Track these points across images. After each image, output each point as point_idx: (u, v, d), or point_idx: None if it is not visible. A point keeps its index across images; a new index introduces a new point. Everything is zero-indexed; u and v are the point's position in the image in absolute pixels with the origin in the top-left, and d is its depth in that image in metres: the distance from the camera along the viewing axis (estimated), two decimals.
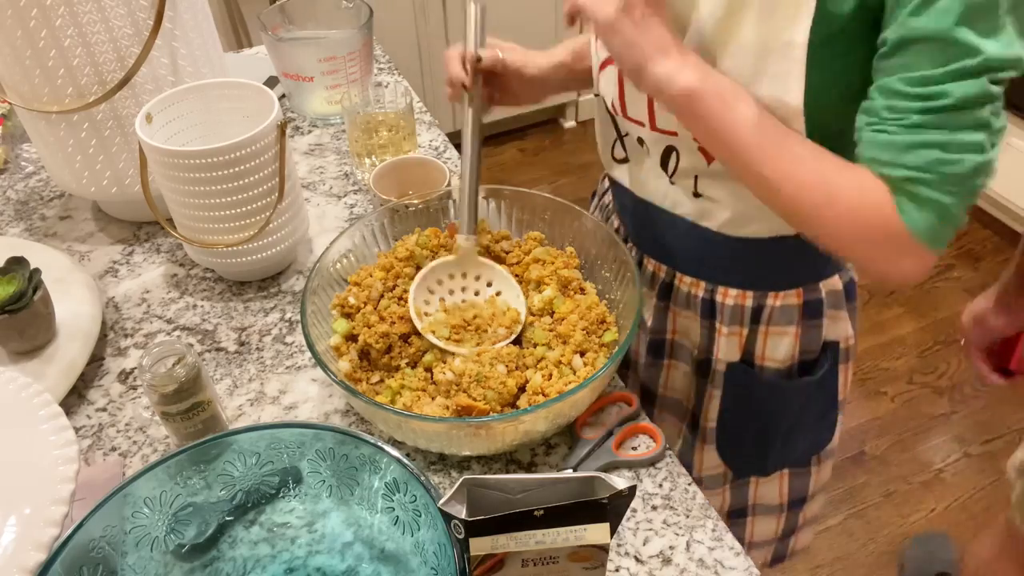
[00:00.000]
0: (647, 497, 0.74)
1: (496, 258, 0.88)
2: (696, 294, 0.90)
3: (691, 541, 0.70)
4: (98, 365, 0.88)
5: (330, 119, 1.25)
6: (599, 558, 0.58)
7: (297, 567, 0.65)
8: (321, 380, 0.86)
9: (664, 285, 0.93)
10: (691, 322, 0.93)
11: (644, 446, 0.78)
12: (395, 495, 0.63)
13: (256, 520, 0.67)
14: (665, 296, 0.93)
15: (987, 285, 0.99)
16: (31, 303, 0.81)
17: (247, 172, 0.86)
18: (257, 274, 0.98)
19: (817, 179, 0.66)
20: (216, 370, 0.87)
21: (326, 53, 1.16)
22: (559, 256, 0.87)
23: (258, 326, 0.92)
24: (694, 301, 0.91)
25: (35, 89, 0.91)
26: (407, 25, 2.41)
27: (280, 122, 0.87)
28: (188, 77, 0.96)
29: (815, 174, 0.66)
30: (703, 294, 0.90)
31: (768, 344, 0.90)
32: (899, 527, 1.73)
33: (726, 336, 0.90)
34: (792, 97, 0.68)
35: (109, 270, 1.01)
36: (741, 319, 0.89)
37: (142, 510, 0.61)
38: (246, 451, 0.65)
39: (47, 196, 1.14)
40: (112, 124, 0.94)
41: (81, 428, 0.82)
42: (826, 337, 0.91)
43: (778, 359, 0.91)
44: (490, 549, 0.56)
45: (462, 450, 0.75)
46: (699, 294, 0.90)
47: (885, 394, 2.00)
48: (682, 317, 0.94)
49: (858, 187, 0.65)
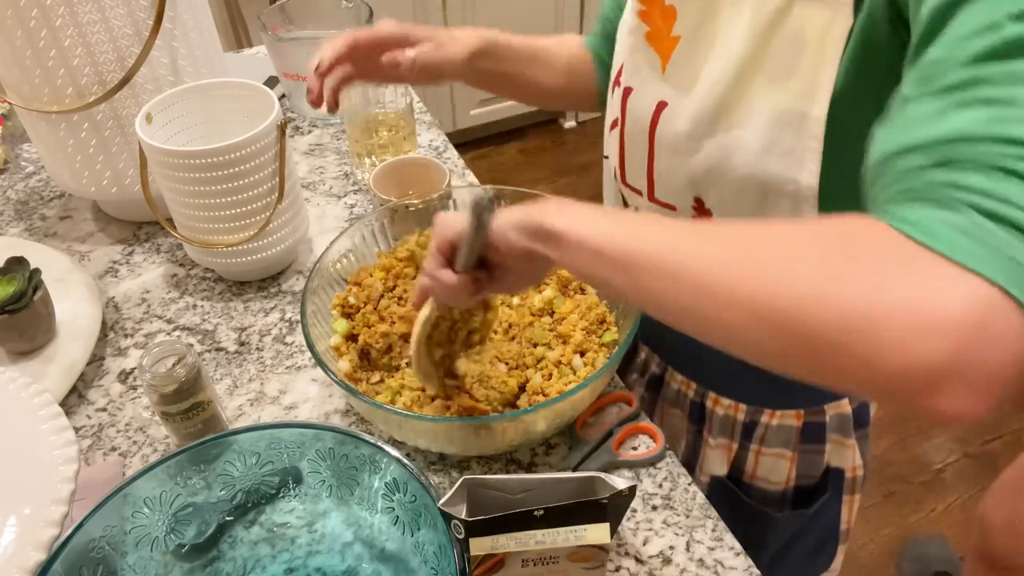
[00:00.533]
0: (647, 497, 0.73)
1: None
2: (687, 394, 0.84)
3: (691, 541, 0.70)
4: (98, 365, 0.88)
5: (330, 119, 1.25)
6: (599, 558, 0.58)
7: (297, 567, 0.65)
8: (321, 380, 0.86)
9: (655, 377, 0.86)
10: (679, 422, 0.86)
11: (644, 446, 0.78)
12: (395, 495, 0.63)
13: (256, 520, 0.67)
14: (655, 389, 0.87)
15: None
16: (31, 303, 0.81)
17: (247, 172, 0.86)
18: (257, 274, 0.98)
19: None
20: (216, 370, 0.87)
21: None
22: None
23: (258, 326, 0.92)
24: (683, 402, 0.84)
25: (35, 89, 0.91)
26: None
27: (280, 122, 0.87)
28: (188, 77, 0.96)
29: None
30: (693, 396, 0.83)
31: (760, 464, 0.82)
32: (899, 527, 1.73)
33: (713, 448, 0.82)
34: (806, 178, 0.60)
35: (109, 270, 1.01)
36: (731, 432, 0.82)
37: (142, 510, 0.61)
38: (246, 451, 0.65)
39: (47, 196, 1.14)
40: (112, 124, 0.94)
41: (81, 428, 0.82)
42: (829, 463, 0.81)
43: (771, 480, 0.82)
44: (490, 549, 0.56)
45: (463, 450, 0.75)
46: (689, 395, 0.84)
47: None
48: (670, 416, 0.87)
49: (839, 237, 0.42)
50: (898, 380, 0.37)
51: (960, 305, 0.35)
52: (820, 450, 0.81)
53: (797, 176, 0.60)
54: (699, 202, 0.70)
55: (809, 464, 0.82)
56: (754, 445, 0.82)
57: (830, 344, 0.38)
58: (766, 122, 0.60)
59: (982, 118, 0.39)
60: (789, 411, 0.79)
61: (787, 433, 0.80)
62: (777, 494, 0.83)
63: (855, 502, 0.85)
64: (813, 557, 0.88)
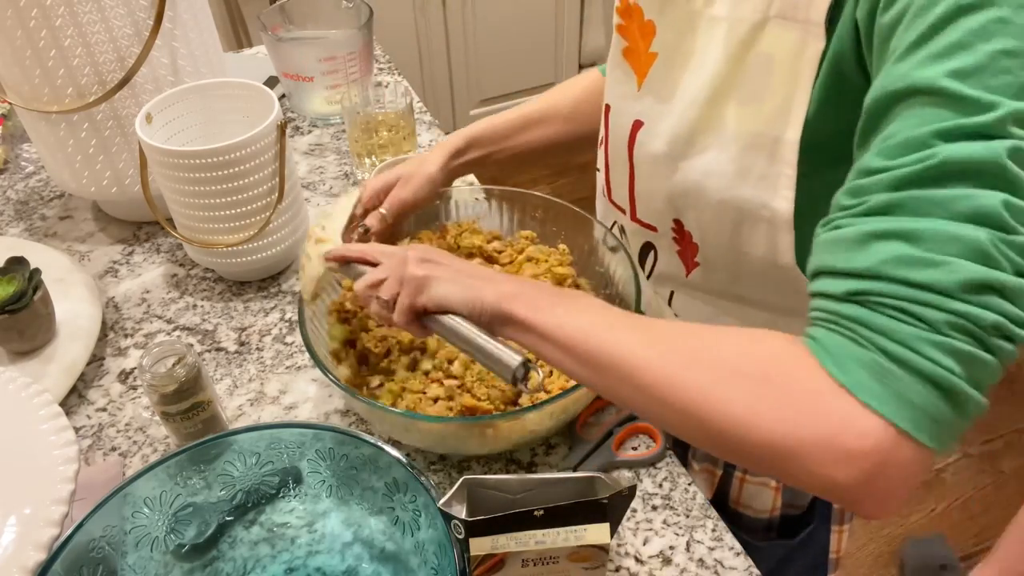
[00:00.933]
0: (647, 497, 0.73)
1: (488, 259, 0.88)
2: None
3: (691, 541, 0.70)
4: (98, 365, 0.88)
5: (330, 119, 1.25)
6: (599, 558, 0.58)
7: (297, 567, 0.65)
8: (321, 380, 0.86)
9: None
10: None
11: (644, 446, 0.78)
12: (395, 495, 0.63)
13: (256, 520, 0.67)
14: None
15: None
16: (31, 303, 0.81)
17: (247, 172, 0.86)
18: (257, 274, 0.98)
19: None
20: (216, 370, 0.87)
21: (326, 53, 1.16)
22: (552, 254, 0.87)
23: (258, 326, 0.92)
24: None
25: (35, 89, 0.91)
26: (407, 25, 2.41)
27: (280, 122, 0.87)
28: (188, 77, 0.96)
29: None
30: None
31: (744, 491, 0.81)
32: (899, 527, 1.73)
33: (697, 472, 0.82)
34: (780, 203, 0.59)
35: (109, 270, 1.01)
36: (715, 458, 0.81)
37: (142, 510, 0.61)
38: (246, 451, 0.65)
39: (47, 196, 1.14)
40: (112, 124, 0.94)
41: (81, 428, 0.82)
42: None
43: (756, 508, 0.81)
44: (490, 549, 0.56)
45: (466, 450, 0.75)
46: None
47: None
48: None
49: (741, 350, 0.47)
50: (824, 493, 0.45)
51: (864, 440, 0.42)
52: None
53: (771, 202, 0.59)
54: (679, 224, 0.69)
55: (794, 494, 0.81)
56: (738, 472, 0.81)
57: (762, 462, 0.46)
58: (740, 145, 0.59)
59: (891, 257, 0.42)
60: None
61: None
62: (763, 522, 0.83)
63: (845, 532, 0.85)
64: None
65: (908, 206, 0.42)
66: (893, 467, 0.42)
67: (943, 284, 0.40)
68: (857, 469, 0.42)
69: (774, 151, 0.58)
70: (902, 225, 0.42)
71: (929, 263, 0.41)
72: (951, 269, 0.40)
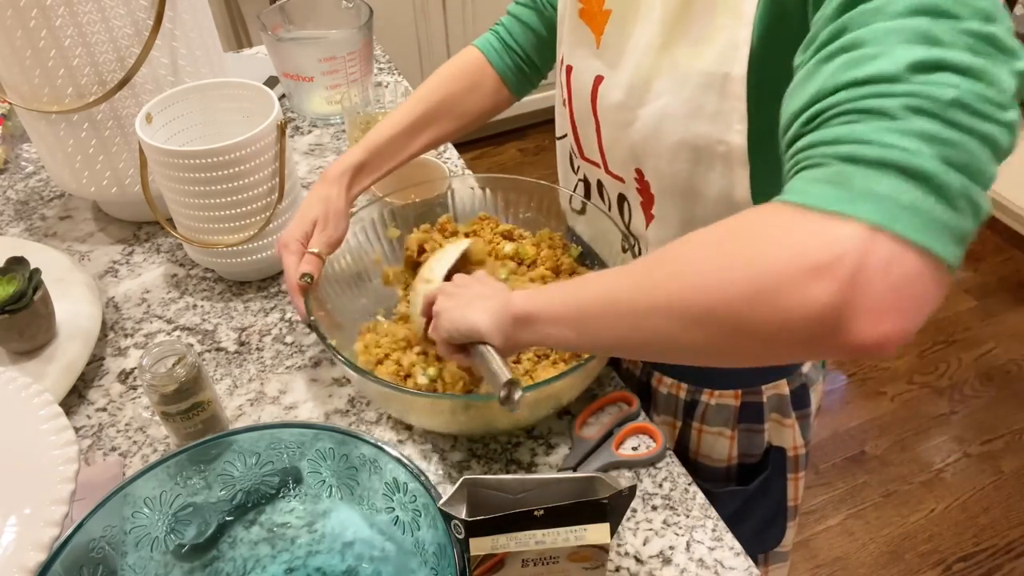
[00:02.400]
0: (647, 497, 0.74)
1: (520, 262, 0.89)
2: (634, 372, 0.88)
3: (691, 541, 0.70)
4: (98, 365, 0.88)
5: (330, 119, 1.25)
6: (599, 558, 0.58)
7: (297, 567, 0.65)
8: (321, 380, 0.86)
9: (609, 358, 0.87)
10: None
11: (644, 446, 0.78)
12: (395, 495, 0.63)
13: (256, 520, 0.67)
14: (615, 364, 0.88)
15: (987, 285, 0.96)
16: (31, 303, 0.81)
17: (247, 172, 0.86)
18: (257, 274, 0.98)
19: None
20: (216, 370, 0.87)
21: (326, 53, 1.16)
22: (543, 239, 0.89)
23: (258, 326, 0.92)
24: (632, 379, 0.88)
25: (35, 89, 0.91)
26: (407, 25, 2.41)
27: (280, 122, 0.87)
28: (188, 77, 0.96)
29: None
30: (639, 374, 0.87)
31: (702, 442, 0.85)
32: (899, 527, 1.73)
33: (658, 424, 0.84)
34: (734, 137, 0.61)
35: (109, 270, 1.01)
36: (674, 410, 0.85)
37: (142, 510, 0.61)
38: (246, 451, 0.65)
39: (47, 196, 1.14)
40: (112, 124, 0.94)
41: (81, 428, 0.82)
42: (770, 442, 0.84)
43: (713, 457, 0.85)
44: (490, 549, 0.56)
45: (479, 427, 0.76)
46: (636, 373, 0.87)
47: (885, 394, 2.00)
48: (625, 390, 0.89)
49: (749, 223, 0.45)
50: (812, 328, 0.40)
51: (834, 246, 0.38)
52: (759, 429, 0.83)
53: (726, 137, 0.61)
54: (639, 173, 0.71)
55: (749, 443, 0.84)
56: (696, 423, 0.84)
57: (746, 319, 0.42)
58: (691, 86, 0.61)
59: (835, 68, 0.41)
60: (727, 391, 0.81)
61: (726, 412, 0.82)
62: (721, 471, 0.86)
63: (800, 479, 0.88)
64: (761, 533, 0.91)
65: (851, 24, 0.42)
66: (874, 270, 0.38)
67: (890, 71, 0.39)
68: (832, 279, 0.38)
69: (723, 88, 0.59)
70: (845, 40, 0.42)
71: (872, 57, 0.40)
72: (895, 56, 0.39)
